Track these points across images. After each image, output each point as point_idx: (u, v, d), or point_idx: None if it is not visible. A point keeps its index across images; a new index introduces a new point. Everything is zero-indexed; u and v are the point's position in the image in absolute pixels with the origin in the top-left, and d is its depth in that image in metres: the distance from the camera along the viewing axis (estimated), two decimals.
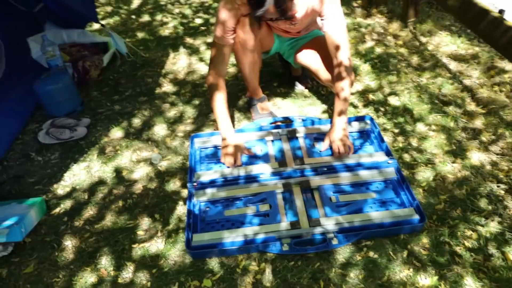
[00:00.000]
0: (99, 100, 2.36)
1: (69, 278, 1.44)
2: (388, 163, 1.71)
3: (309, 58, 1.99)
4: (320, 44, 1.95)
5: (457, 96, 2.18)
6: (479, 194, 1.63)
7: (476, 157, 1.81)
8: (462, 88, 2.24)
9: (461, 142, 1.89)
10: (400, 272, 1.37)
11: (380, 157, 1.74)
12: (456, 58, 2.49)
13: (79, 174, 1.87)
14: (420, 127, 2.00)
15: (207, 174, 1.73)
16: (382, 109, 2.14)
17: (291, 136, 1.91)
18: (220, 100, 1.81)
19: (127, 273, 1.44)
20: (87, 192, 1.78)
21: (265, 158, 1.82)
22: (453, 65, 2.43)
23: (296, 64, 2.10)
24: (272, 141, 1.92)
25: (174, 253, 1.49)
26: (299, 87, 2.30)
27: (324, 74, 1.94)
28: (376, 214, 1.51)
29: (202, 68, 2.57)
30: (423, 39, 2.70)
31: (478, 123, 1.99)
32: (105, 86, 2.48)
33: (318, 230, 1.47)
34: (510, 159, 1.78)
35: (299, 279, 1.37)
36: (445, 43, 2.63)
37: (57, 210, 1.71)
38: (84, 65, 2.50)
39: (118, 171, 1.86)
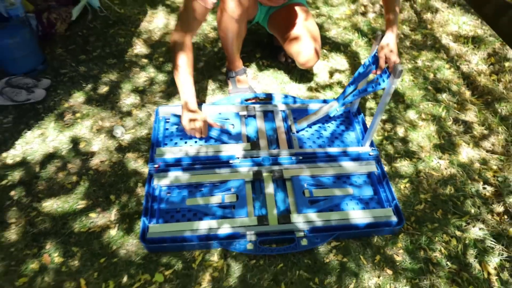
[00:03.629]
0: (63, 59, 2.13)
1: (8, 263, 1.30)
2: (370, 154, 1.56)
3: (278, 25, 1.82)
4: (294, 12, 1.79)
5: (453, 83, 2.02)
6: (463, 196, 1.52)
7: (465, 153, 1.68)
8: (459, 74, 2.08)
9: (451, 136, 1.75)
10: (369, 279, 1.26)
11: (362, 147, 1.60)
12: (457, 39, 2.30)
13: (32, 143, 1.69)
14: (410, 114, 1.85)
15: (171, 151, 1.57)
16: None
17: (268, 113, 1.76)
18: (184, 62, 1.55)
19: (73, 261, 1.31)
20: (39, 164, 1.61)
21: (237, 137, 1.66)
22: (453, 47, 2.25)
23: (270, 31, 1.91)
24: (246, 117, 1.76)
25: (127, 241, 1.36)
26: (280, 60, 2.12)
27: (288, 45, 1.77)
28: (351, 213, 1.38)
29: None
30: (425, 16, 2.49)
31: (471, 115, 1.85)
32: (72, 43, 2.24)
33: (287, 228, 1.34)
34: (499, 158, 1.66)
35: (259, 280, 1.26)
36: (447, 22, 2.43)
37: (3, 182, 1.55)
38: (50, 17, 2.24)
39: (75, 142, 1.69)
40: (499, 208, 1.48)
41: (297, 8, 1.79)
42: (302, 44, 1.72)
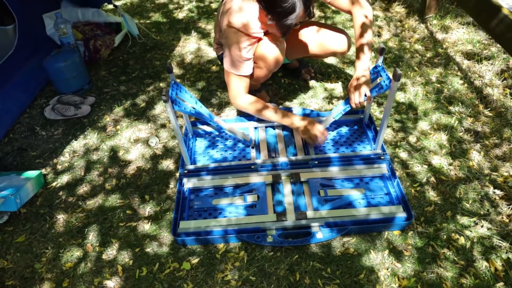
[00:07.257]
0: (106, 80, 2.40)
1: (57, 250, 1.49)
2: (381, 158, 1.68)
3: (300, 49, 1.99)
4: (304, 25, 1.95)
5: (466, 97, 2.11)
6: (473, 199, 1.59)
7: (476, 160, 1.76)
8: (472, 88, 2.17)
9: (462, 144, 1.84)
10: (378, 271, 1.36)
11: (373, 151, 1.72)
12: (470, 57, 2.40)
13: (78, 151, 1.92)
14: (422, 125, 1.95)
15: (199, 160, 1.74)
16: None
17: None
18: (265, 105, 1.75)
19: (112, 250, 1.48)
20: (84, 169, 1.83)
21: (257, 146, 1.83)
22: (466, 65, 2.35)
23: (290, 60, 2.12)
24: (266, 127, 1.93)
25: (159, 234, 1.52)
26: (305, 78, 2.29)
27: (316, 40, 1.92)
28: (363, 210, 1.49)
29: (210, 52, 2.57)
30: (439, 36, 2.61)
31: (484, 125, 1.93)
32: (114, 66, 2.52)
33: (303, 223, 1.47)
34: (511, 165, 1.72)
35: (276, 269, 1.38)
36: (461, 42, 2.54)
37: (54, 184, 1.77)
38: (96, 44, 2.54)
39: (115, 151, 1.90)
40: (508, 211, 1.55)
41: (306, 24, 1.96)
42: (330, 32, 1.89)
